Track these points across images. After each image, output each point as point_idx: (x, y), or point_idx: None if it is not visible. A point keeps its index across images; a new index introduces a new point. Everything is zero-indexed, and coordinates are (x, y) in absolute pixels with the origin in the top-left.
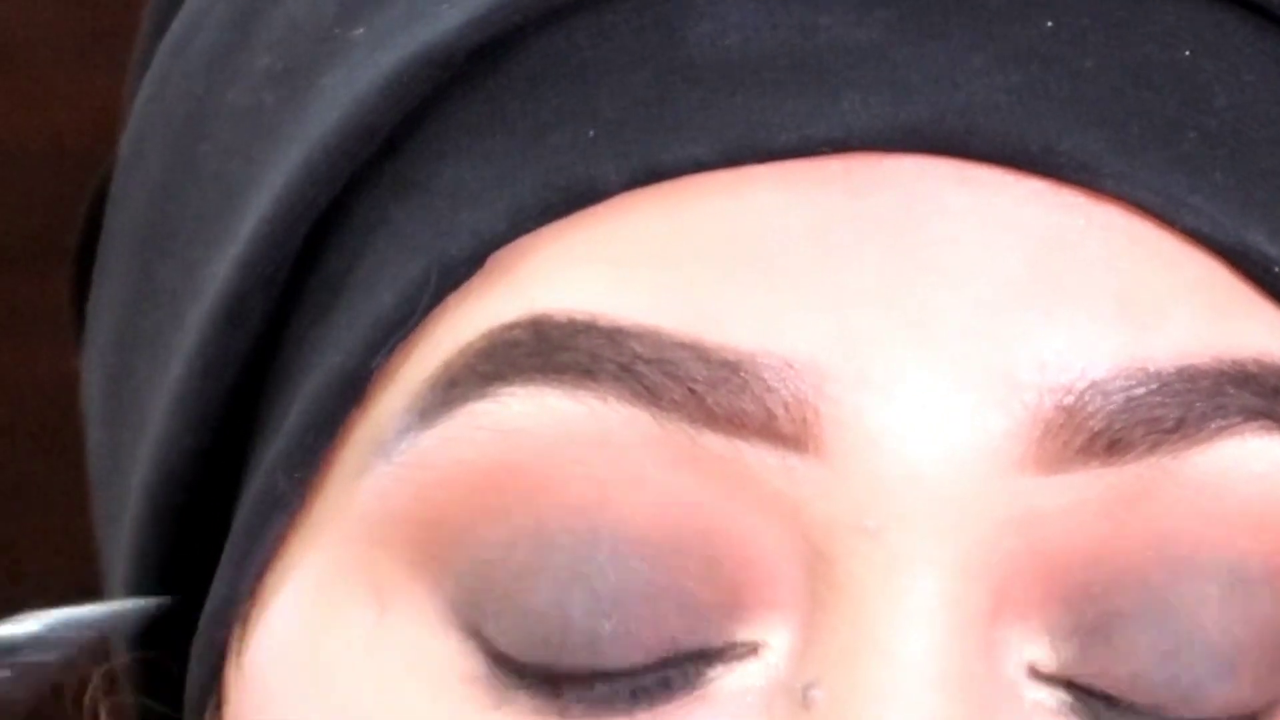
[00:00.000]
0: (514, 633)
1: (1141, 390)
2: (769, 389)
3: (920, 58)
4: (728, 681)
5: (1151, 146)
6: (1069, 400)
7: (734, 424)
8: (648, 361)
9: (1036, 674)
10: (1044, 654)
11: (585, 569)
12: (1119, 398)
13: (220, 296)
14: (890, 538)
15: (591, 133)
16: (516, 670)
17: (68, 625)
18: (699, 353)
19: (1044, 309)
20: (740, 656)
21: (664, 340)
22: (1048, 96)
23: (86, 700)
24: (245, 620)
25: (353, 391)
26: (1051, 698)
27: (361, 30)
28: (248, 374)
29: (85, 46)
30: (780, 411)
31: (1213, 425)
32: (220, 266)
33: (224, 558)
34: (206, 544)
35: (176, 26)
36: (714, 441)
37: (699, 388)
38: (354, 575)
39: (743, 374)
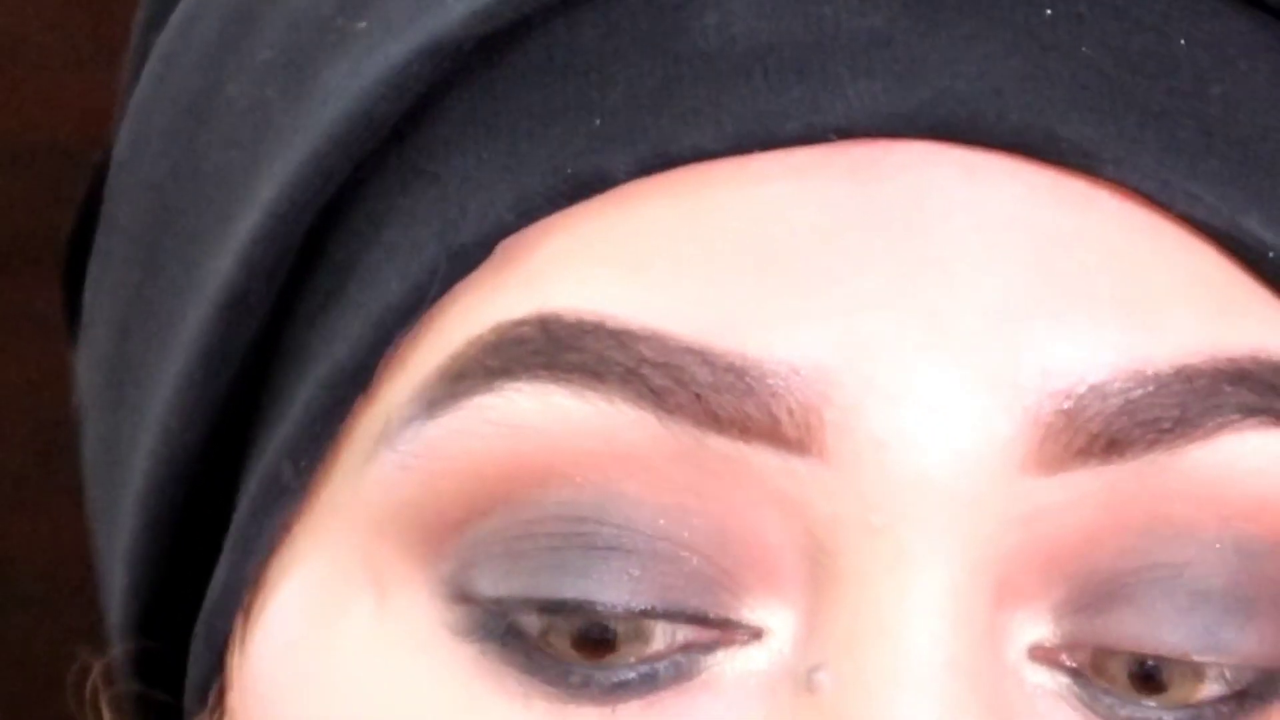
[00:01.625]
0: (527, 616)
1: (1139, 393)
2: (774, 395)
3: (923, 45)
4: (729, 667)
5: (1149, 134)
6: (1068, 405)
7: (739, 428)
8: (654, 365)
9: (1038, 656)
10: (1047, 631)
11: (585, 527)
12: (1117, 400)
13: (222, 289)
14: (896, 534)
15: (598, 122)
16: (538, 654)
17: None
18: (705, 357)
19: (1047, 313)
20: (743, 642)
21: (670, 345)
22: (1049, 83)
23: (87, 690)
24: (249, 609)
25: (359, 380)
26: (1052, 680)
27: (364, 23)
28: (249, 365)
29: (87, 47)
30: (784, 417)
31: (1210, 423)
32: (221, 260)
33: (226, 546)
34: (208, 534)
35: (176, 18)
36: (719, 443)
37: (704, 392)
38: (356, 564)
39: (748, 379)
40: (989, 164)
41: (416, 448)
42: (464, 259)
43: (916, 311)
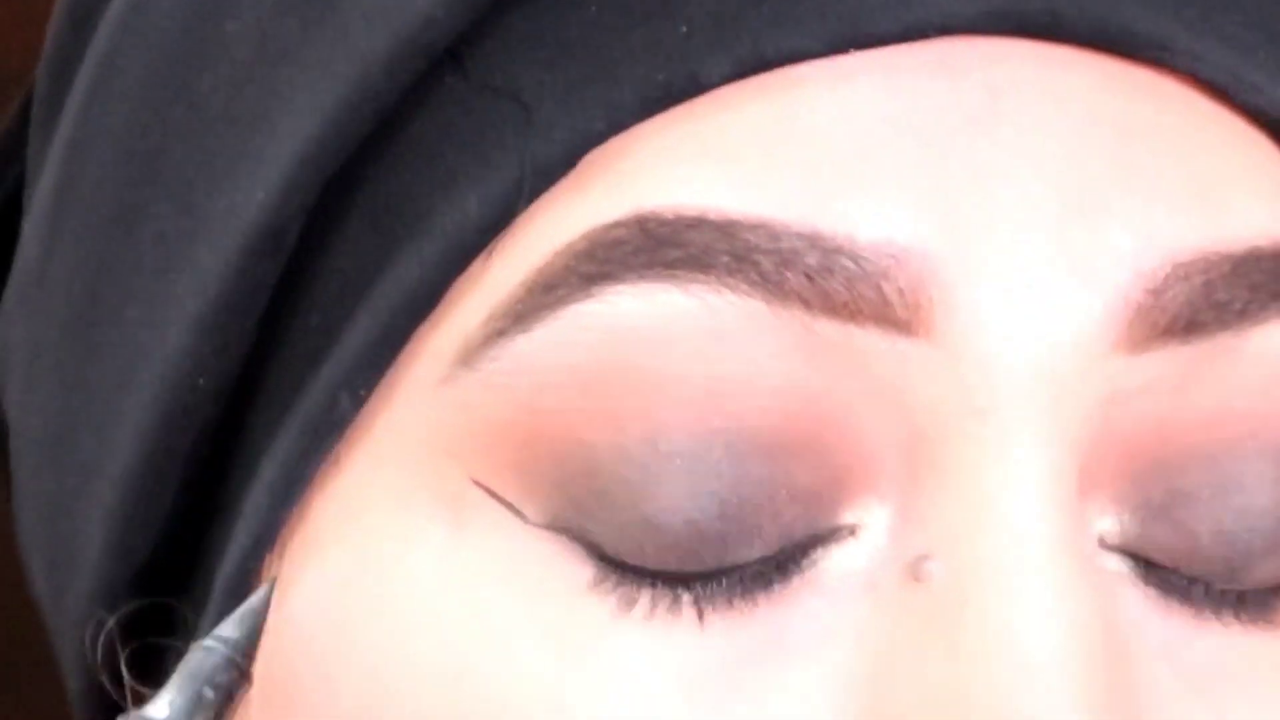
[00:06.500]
0: (630, 540)
1: (1216, 274)
2: (885, 276)
3: None
4: (829, 565)
5: (1210, 27)
6: (1155, 284)
7: (849, 310)
8: (764, 252)
9: (1105, 545)
10: (1112, 526)
11: (702, 471)
12: (1198, 280)
13: (254, 224)
14: (1000, 416)
15: (684, 28)
16: (632, 573)
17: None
18: (814, 241)
19: (1130, 198)
20: (840, 539)
21: (779, 230)
22: None
23: (101, 644)
24: (283, 551)
25: (429, 303)
26: (1123, 565)
27: None
28: (275, 303)
29: None
30: (895, 297)
31: (1275, 306)
32: (245, 195)
33: (257, 487)
34: (212, 488)
35: None
36: (827, 328)
37: (816, 275)
38: (423, 492)
39: (860, 261)
40: (1067, 57)
41: (505, 365)
42: (548, 174)
43: (1008, 196)
